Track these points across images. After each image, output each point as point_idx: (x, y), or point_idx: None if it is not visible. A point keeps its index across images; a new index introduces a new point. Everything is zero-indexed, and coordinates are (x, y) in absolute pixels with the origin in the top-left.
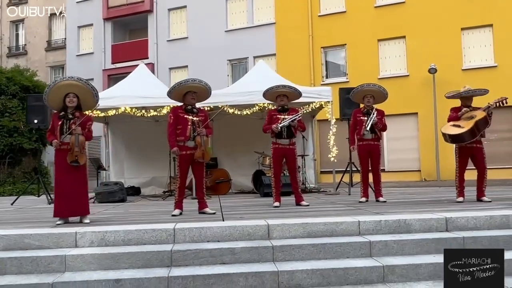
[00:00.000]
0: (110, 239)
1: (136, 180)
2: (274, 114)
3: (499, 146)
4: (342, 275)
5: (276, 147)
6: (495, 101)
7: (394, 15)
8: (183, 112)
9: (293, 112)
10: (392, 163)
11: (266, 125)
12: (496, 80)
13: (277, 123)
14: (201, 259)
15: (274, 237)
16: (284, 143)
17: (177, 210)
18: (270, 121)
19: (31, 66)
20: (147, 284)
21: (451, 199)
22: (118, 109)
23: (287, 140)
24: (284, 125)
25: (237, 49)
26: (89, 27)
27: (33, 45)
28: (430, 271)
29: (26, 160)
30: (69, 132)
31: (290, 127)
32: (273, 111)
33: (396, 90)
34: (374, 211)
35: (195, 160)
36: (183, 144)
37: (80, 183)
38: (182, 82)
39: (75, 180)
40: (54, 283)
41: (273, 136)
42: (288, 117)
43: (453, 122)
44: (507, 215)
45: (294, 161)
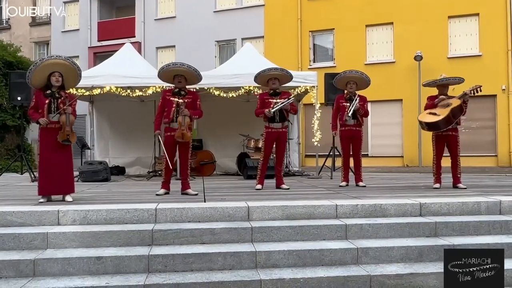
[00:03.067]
0: (92, 217)
1: (121, 159)
2: (266, 98)
3: (480, 134)
4: (318, 256)
5: (269, 131)
6: (470, 89)
7: (383, 1)
8: (170, 95)
9: (285, 96)
10: (375, 148)
11: (258, 109)
12: (480, 69)
13: (270, 107)
14: (181, 238)
15: (253, 218)
16: (277, 127)
17: (162, 190)
18: (262, 105)
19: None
20: (127, 262)
21: (428, 185)
22: (103, 88)
23: (280, 124)
24: (276, 109)
25: (225, 30)
26: (75, 3)
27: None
28: (402, 253)
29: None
30: (58, 111)
31: (282, 111)
32: (264, 94)
33: (382, 76)
34: (352, 195)
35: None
36: (168, 125)
37: (66, 162)
38: (169, 64)
39: (61, 159)
40: (36, 259)
41: (265, 120)
42: (280, 101)
43: (429, 110)
44: (479, 202)
45: (284, 143)
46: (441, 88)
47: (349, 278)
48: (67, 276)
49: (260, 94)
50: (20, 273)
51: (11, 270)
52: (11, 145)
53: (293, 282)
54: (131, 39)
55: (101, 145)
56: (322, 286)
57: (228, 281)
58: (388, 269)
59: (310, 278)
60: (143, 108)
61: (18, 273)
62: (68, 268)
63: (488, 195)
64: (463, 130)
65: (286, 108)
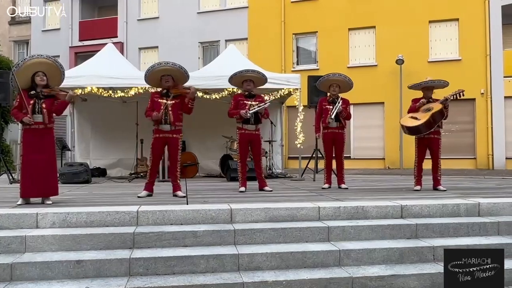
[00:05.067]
0: (72, 220)
1: (102, 161)
2: (241, 100)
3: (460, 137)
4: (300, 258)
5: (243, 132)
6: (452, 93)
7: (366, 4)
8: (158, 97)
9: (259, 99)
10: (357, 150)
11: (232, 109)
12: (460, 73)
13: (246, 109)
14: (163, 241)
15: (236, 221)
16: (250, 129)
17: (144, 192)
18: (236, 106)
19: None
20: (108, 265)
21: (409, 187)
22: (85, 88)
23: (254, 126)
24: (254, 111)
25: (209, 32)
26: (55, 2)
27: None
28: (384, 255)
29: None
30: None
31: (257, 114)
32: (239, 95)
33: (364, 79)
34: (335, 198)
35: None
36: (157, 127)
37: (50, 163)
38: (154, 65)
39: (45, 160)
40: (14, 263)
41: (239, 121)
42: (256, 104)
43: (411, 114)
44: (458, 204)
45: (259, 146)
46: (425, 91)
47: (332, 280)
48: (46, 280)
49: (235, 95)
50: None
51: None
52: None
53: (275, 285)
54: (113, 39)
55: (82, 146)
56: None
57: (210, 284)
58: (370, 271)
59: (293, 280)
60: (125, 109)
61: None
62: (47, 272)
63: (467, 197)
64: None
65: (261, 112)
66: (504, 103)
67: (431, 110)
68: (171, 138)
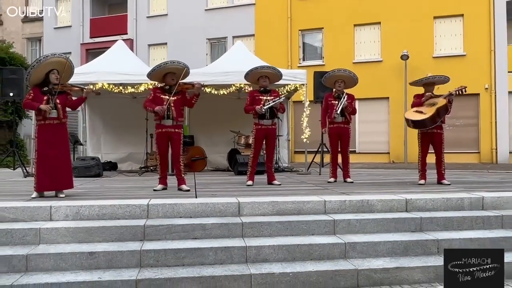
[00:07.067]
0: (84, 213)
1: (113, 155)
2: (257, 95)
3: (463, 132)
4: (307, 251)
5: (259, 127)
6: (455, 89)
7: (371, 1)
8: (161, 92)
9: (274, 94)
10: (362, 145)
11: (248, 105)
12: (464, 69)
13: (261, 104)
14: (173, 234)
15: (244, 214)
16: (266, 124)
17: (160, 186)
18: (252, 102)
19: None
20: (120, 257)
21: (414, 181)
22: (96, 84)
23: (270, 121)
24: (268, 106)
25: (217, 29)
26: (67, 0)
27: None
28: (388, 248)
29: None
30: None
31: (272, 109)
32: (255, 91)
33: (369, 74)
34: (340, 191)
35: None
36: (159, 122)
37: (65, 157)
38: (161, 64)
39: (59, 154)
40: (29, 255)
41: (255, 117)
42: (271, 99)
43: (416, 108)
44: (462, 198)
45: (274, 140)
46: (427, 87)
47: (337, 272)
48: (60, 271)
49: (251, 91)
50: (13, 268)
51: (4, 265)
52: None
53: (282, 276)
54: (123, 36)
55: (93, 141)
56: (311, 280)
57: (219, 276)
58: (374, 263)
59: (299, 272)
60: (135, 105)
61: (10, 268)
62: (60, 263)
63: (471, 191)
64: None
65: (276, 107)
66: (508, 98)
67: (435, 104)
68: (173, 132)
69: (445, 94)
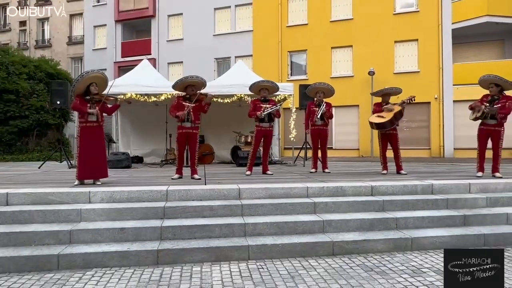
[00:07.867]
0: (116, 197)
1: (140, 151)
2: (258, 103)
3: (417, 132)
4: (293, 227)
5: (259, 129)
6: (407, 98)
7: (344, 28)
8: (183, 100)
9: (272, 103)
10: (338, 142)
11: (251, 111)
12: (419, 82)
13: (261, 111)
14: (187, 213)
15: (243, 197)
16: (265, 126)
17: (177, 175)
18: (254, 109)
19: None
20: (144, 232)
21: (378, 172)
22: (126, 94)
23: (268, 124)
24: (267, 113)
25: (222, 50)
26: (103, 27)
27: (57, 40)
28: (357, 224)
29: (50, 133)
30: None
31: (270, 114)
32: (256, 100)
33: (343, 87)
34: (320, 180)
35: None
36: (180, 124)
37: (101, 152)
38: (183, 78)
39: (97, 150)
40: (72, 230)
41: (256, 120)
42: (270, 107)
43: (378, 114)
44: (416, 184)
45: (270, 140)
46: (384, 97)
47: (317, 244)
48: (97, 243)
49: (253, 100)
50: (59, 241)
51: (52, 238)
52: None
53: (273, 247)
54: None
55: (124, 139)
56: (296, 250)
57: (223, 246)
58: (346, 236)
59: (287, 243)
60: (157, 111)
61: (57, 241)
62: (97, 237)
63: (423, 179)
64: (405, 129)
65: (273, 113)
66: (453, 105)
67: (392, 110)
68: (191, 133)
69: (399, 102)
